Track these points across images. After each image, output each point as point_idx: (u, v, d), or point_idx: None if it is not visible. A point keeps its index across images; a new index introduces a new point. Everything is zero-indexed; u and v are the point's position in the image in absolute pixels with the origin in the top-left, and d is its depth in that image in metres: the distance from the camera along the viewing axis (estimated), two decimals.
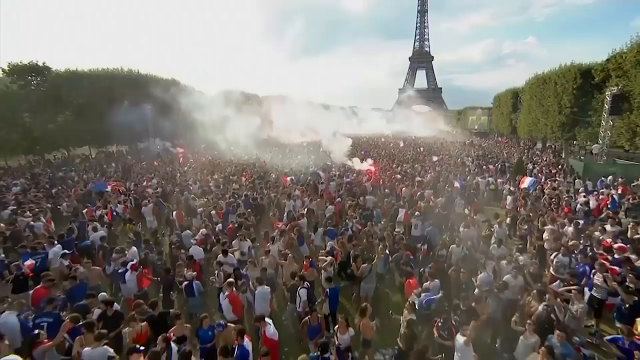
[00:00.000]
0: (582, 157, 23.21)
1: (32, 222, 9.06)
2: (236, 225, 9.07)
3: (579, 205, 10.51)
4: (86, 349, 4.02)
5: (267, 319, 4.79)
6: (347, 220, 9.41)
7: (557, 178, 15.32)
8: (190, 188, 14.10)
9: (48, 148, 25.71)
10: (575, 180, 14.36)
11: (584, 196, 11.45)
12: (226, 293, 5.35)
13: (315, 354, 4.10)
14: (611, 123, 18.56)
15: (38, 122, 23.34)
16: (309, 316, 5.02)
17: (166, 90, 30.41)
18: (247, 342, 4.24)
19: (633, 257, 6.22)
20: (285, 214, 10.26)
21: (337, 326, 4.80)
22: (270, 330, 4.64)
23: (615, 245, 6.70)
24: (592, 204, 10.86)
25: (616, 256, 6.36)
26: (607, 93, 18.38)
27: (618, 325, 5.24)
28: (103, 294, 5.52)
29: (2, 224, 9.02)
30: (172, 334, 4.38)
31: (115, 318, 5.03)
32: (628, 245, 6.70)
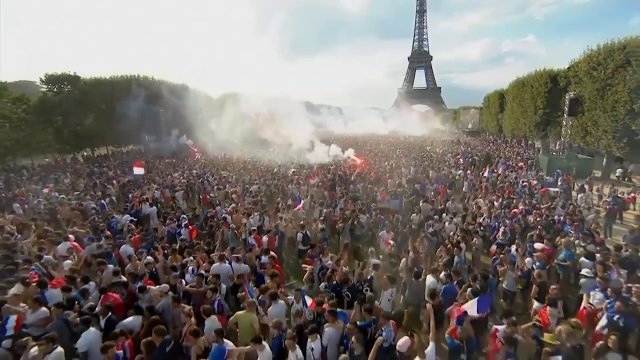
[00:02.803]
0: (553, 153, 26.06)
1: (102, 201, 12.14)
2: (251, 204, 12.04)
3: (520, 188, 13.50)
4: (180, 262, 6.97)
5: None
6: (337, 200, 12.37)
7: (519, 170, 18.17)
8: (208, 180, 17.08)
9: (76, 147, 28.82)
10: (529, 172, 17.30)
11: (523, 182, 14.52)
12: (252, 236, 8.47)
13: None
14: (570, 123, 21.43)
15: (69, 125, 26.40)
16: (310, 249, 7.93)
17: (177, 94, 33.35)
18: (265, 257, 7.16)
19: (530, 217, 9.33)
20: (290, 196, 13.23)
21: (321, 254, 7.68)
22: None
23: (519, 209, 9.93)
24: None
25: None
26: (566, 97, 21.25)
27: None
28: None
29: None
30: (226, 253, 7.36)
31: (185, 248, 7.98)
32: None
